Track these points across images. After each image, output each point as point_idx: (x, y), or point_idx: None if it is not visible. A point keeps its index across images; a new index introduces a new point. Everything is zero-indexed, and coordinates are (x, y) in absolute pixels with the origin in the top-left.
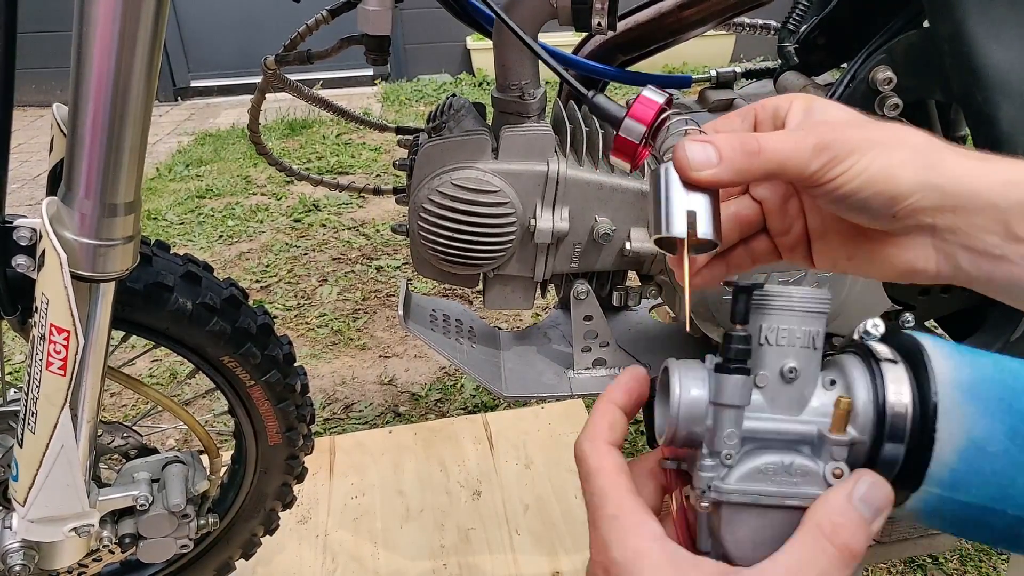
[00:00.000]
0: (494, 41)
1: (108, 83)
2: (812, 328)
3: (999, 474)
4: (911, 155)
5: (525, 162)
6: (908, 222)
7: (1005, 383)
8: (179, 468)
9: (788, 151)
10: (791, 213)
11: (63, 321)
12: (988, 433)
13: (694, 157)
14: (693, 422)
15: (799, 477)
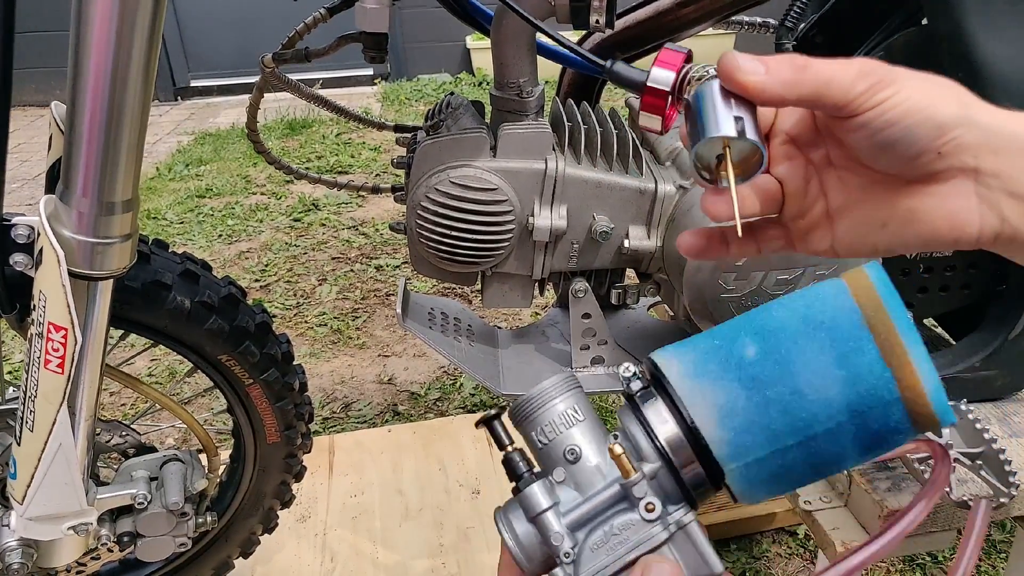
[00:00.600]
0: (492, 39)
1: (106, 81)
2: (567, 407)
3: (756, 421)
4: (952, 92)
5: (523, 160)
6: (952, 161)
7: (718, 348)
8: (177, 466)
9: (834, 71)
10: (812, 193)
11: (61, 319)
12: (727, 394)
13: (743, 62)
14: (535, 550)
15: (626, 532)
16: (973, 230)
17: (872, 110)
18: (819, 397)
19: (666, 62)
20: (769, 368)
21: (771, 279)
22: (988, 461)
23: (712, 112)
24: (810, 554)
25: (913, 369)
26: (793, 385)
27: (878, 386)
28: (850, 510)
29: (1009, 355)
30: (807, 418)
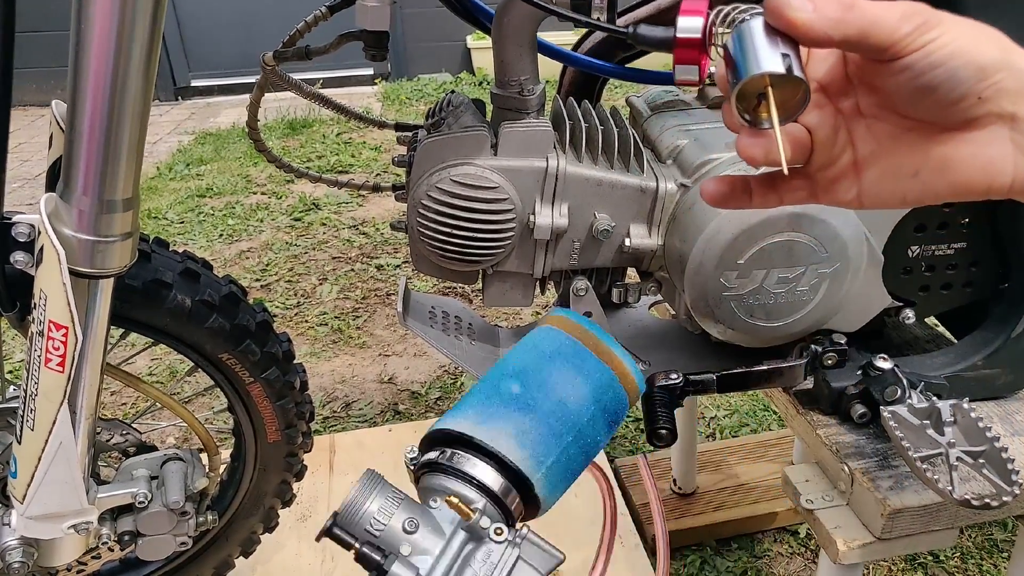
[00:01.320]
0: (493, 37)
1: (106, 79)
2: (383, 497)
3: (542, 432)
4: (993, 37)
5: (524, 158)
6: (991, 107)
7: (489, 396)
8: (178, 465)
9: (879, 10)
10: (840, 143)
11: (61, 317)
12: (514, 423)
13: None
14: None
15: (487, 561)
16: (1007, 179)
17: (916, 52)
18: (575, 399)
19: (691, 9)
20: (534, 393)
21: (773, 277)
22: (990, 460)
23: (756, 50)
24: (812, 553)
25: (619, 361)
26: (556, 397)
27: (604, 377)
28: (852, 509)
29: (1011, 353)
30: (574, 416)
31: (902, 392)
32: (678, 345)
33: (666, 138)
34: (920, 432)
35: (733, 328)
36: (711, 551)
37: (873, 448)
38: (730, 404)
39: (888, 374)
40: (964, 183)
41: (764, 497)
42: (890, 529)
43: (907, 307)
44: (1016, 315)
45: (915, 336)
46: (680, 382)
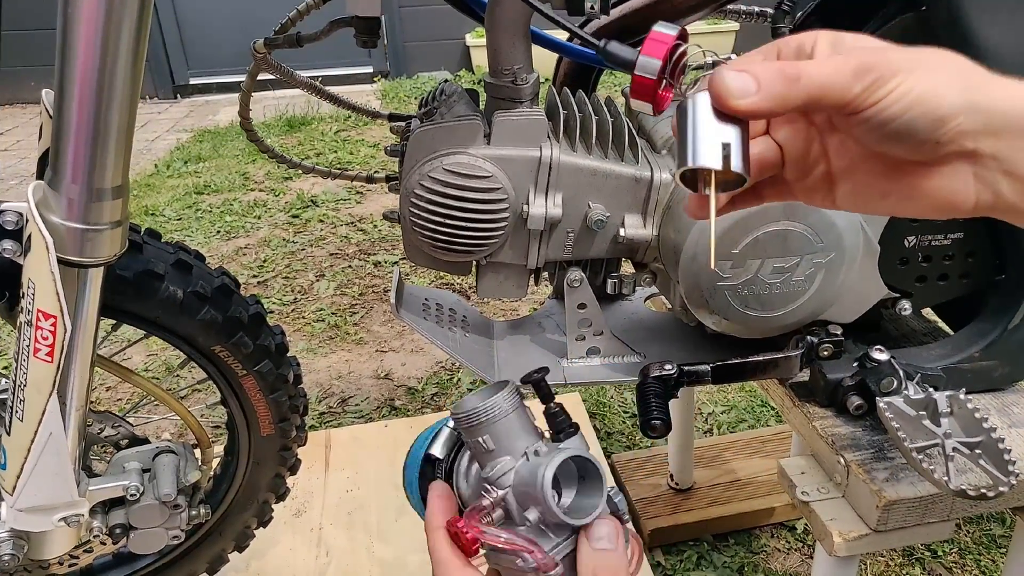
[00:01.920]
0: (487, 25)
1: (94, 64)
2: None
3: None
4: (956, 75)
5: (518, 147)
6: (951, 148)
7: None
8: (170, 458)
9: (829, 74)
10: (813, 157)
11: (50, 307)
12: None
13: (732, 84)
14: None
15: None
16: (969, 205)
17: (872, 107)
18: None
19: (653, 48)
20: None
21: (767, 267)
22: (987, 451)
23: (699, 133)
24: (809, 548)
25: None
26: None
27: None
28: (848, 500)
29: (1008, 345)
30: None
31: (898, 384)
32: (673, 337)
33: (661, 128)
34: (916, 423)
35: (728, 319)
36: (708, 546)
37: (869, 440)
38: (727, 400)
39: (884, 365)
40: (928, 209)
41: (761, 492)
42: (886, 521)
43: (903, 298)
44: (1013, 306)
45: (912, 328)
46: (674, 373)
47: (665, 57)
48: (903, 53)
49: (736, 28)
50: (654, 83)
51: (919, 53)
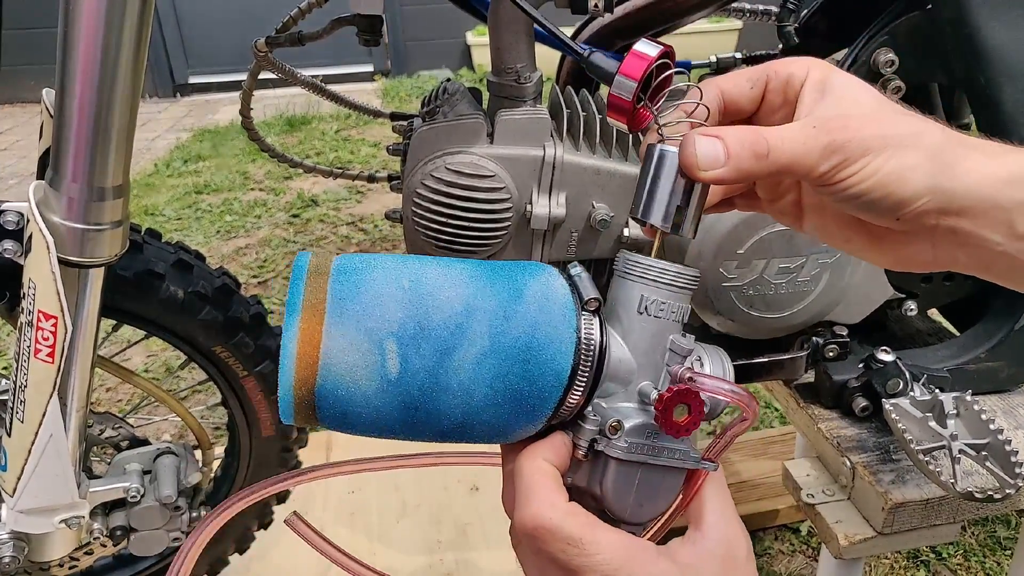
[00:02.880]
0: (490, 24)
1: (95, 62)
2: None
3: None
4: (925, 158)
5: (521, 146)
6: (911, 225)
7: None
8: (171, 460)
9: (798, 154)
10: (785, 186)
11: (51, 307)
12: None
13: (703, 156)
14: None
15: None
16: (928, 266)
17: (838, 184)
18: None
19: (631, 66)
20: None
21: (773, 267)
22: (994, 452)
23: (658, 190)
24: (813, 551)
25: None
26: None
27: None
28: (853, 503)
29: (1014, 346)
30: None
31: (904, 385)
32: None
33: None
34: (922, 425)
35: (733, 320)
36: None
37: (875, 442)
38: None
39: (890, 367)
40: (891, 262)
41: (766, 494)
42: (891, 523)
43: (909, 299)
44: (1019, 307)
45: (918, 329)
46: None
47: (642, 77)
48: (879, 128)
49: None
50: (628, 104)
51: (896, 127)
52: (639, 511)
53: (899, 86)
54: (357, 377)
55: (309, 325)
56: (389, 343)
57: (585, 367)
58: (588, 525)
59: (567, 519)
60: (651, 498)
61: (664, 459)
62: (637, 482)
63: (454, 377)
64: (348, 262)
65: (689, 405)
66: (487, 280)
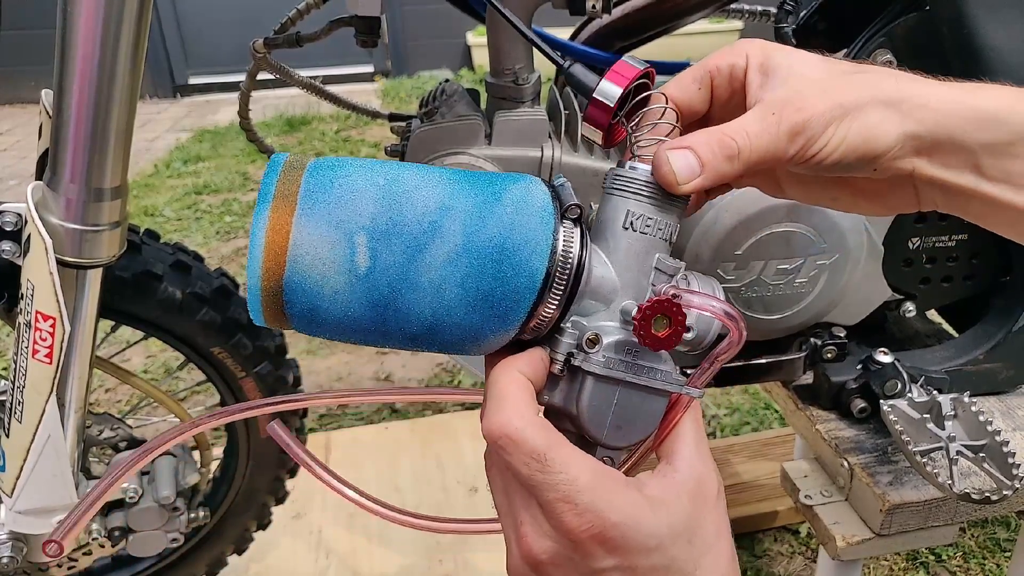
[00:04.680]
0: (488, 25)
1: (94, 64)
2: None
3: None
4: (884, 110)
5: (519, 148)
6: (888, 173)
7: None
8: (169, 461)
9: (765, 145)
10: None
11: (49, 308)
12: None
13: (680, 170)
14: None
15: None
16: (915, 208)
17: (811, 159)
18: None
19: (618, 75)
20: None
21: (771, 268)
22: (991, 454)
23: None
24: (812, 552)
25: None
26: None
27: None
28: (851, 504)
29: (1013, 348)
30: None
31: (902, 386)
32: None
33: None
34: (920, 426)
35: None
36: None
37: (873, 443)
38: (731, 403)
39: (888, 368)
40: (879, 210)
41: (764, 496)
42: (889, 525)
43: (908, 300)
44: (1017, 309)
45: (916, 330)
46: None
47: (625, 90)
48: (830, 98)
49: (740, 27)
50: (606, 118)
51: (850, 91)
52: (616, 434)
53: None
54: (326, 270)
55: (279, 215)
56: (360, 237)
57: (562, 276)
58: (555, 442)
59: (533, 431)
60: (630, 421)
61: (645, 378)
62: (615, 402)
63: (424, 275)
64: (325, 160)
65: (670, 318)
66: (466, 183)
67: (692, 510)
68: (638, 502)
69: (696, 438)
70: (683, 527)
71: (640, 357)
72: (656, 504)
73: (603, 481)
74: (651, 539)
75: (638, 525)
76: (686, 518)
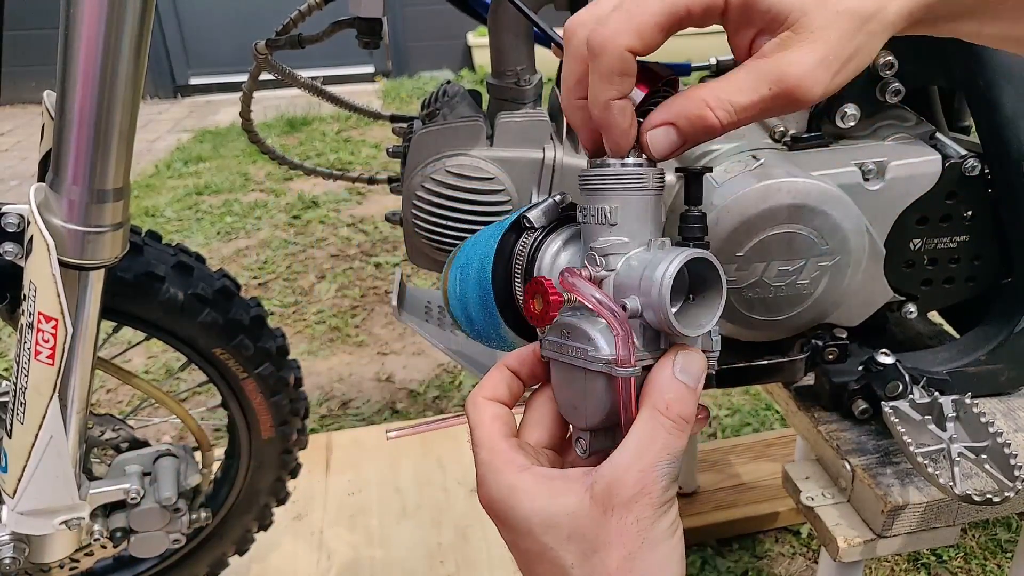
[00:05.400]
0: (490, 26)
1: (96, 65)
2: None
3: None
4: (872, 38)
5: (520, 149)
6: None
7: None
8: (171, 461)
9: (752, 116)
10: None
11: (51, 309)
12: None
13: (660, 145)
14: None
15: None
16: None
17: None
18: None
19: (642, 79)
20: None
21: (772, 270)
22: (993, 455)
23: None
24: (813, 553)
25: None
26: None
27: None
28: (853, 506)
29: (1014, 349)
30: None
31: (904, 387)
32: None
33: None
34: (922, 427)
35: (732, 322)
36: (712, 551)
37: (874, 444)
38: (732, 404)
39: (890, 369)
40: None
41: (766, 497)
42: (891, 526)
43: (909, 301)
44: (1019, 310)
45: (917, 331)
46: None
47: (648, 94)
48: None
49: None
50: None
51: (841, 47)
52: (574, 414)
53: (898, 89)
54: (450, 298)
55: (444, 272)
56: (456, 274)
57: (516, 275)
58: (481, 422)
59: (473, 407)
60: (580, 399)
61: (568, 357)
62: (561, 380)
63: (467, 293)
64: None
65: (542, 296)
66: (490, 235)
67: (589, 510)
68: (521, 485)
69: (640, 442)
70: (567, 522)
71: (571, 337)
72: (543, 493)
73: (496, 459)
74: (522, 522)
75: (512, 505)
76: (577, 515)
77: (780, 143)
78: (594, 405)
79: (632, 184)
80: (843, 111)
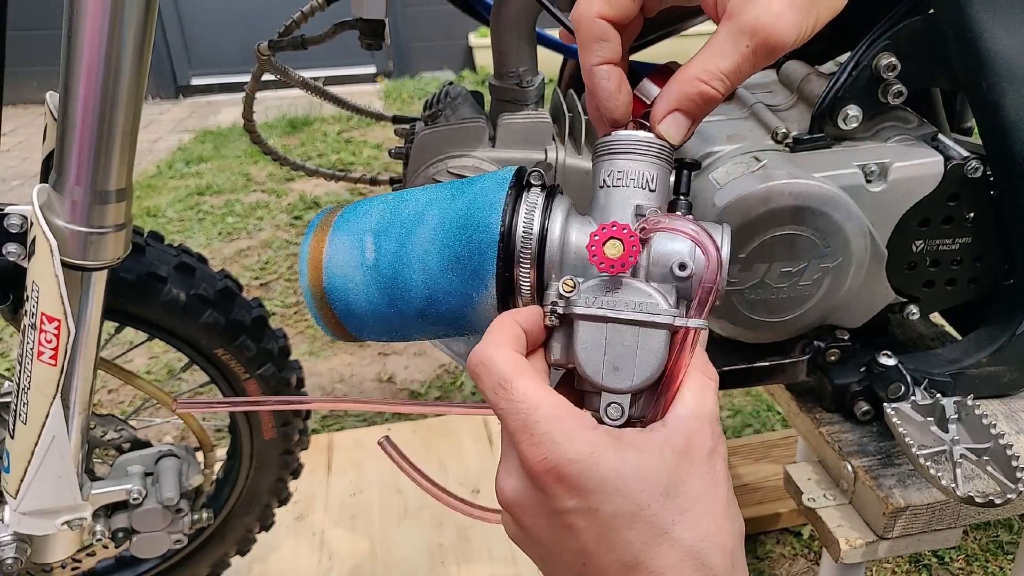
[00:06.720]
0: (492, 27)
1: (99, 66)
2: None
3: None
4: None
5: (523, 150)
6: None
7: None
8: (173, 462)
9: (742, 79)
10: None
11: (54, 310)
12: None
13: (672, 133)
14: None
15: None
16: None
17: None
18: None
19: (659, 79)
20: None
21: (774, 271)
22: (995, 457)
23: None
24: (815, 555)
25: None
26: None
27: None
28: (854, 507)
29: (1016, 351)
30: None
31: (906, 389)
32: None
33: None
34: (924, 429)
35: (734, 324)
36: None
37: (876, 446)
38: (733, 404)
39: (892, 371)
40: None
41: (767, 498)
42: (892, 528)
43: (911, 303)
44: (1021, 312)
45: (919, 333)
46: None
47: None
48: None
49: None
50: (642, 107)
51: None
52: (615, 376)
53: (900, 90)
54: (348, 270)
55: (318, 238)
56: (368, 237)
57: (527, 238)
58: (522, 371)
59: (502, 358)
60: (626, 360)
61: (628, 312)
62: (605, 341)
63: (413, 252)
64: (360, 200)
65: (621, 240)
66: (451, 185)
67: (675, 464)
68: (601, 442)
69: (698, 397)
70: (659, 477)
71: (622, 292)
72: (626, 448)
73: (564, 415)
74: (612, 480)
75: (597, 464)
76: (666, 469)
77: (782, 144)
78: (645, 363)
79: (666, 158)
80: (845, 112)
